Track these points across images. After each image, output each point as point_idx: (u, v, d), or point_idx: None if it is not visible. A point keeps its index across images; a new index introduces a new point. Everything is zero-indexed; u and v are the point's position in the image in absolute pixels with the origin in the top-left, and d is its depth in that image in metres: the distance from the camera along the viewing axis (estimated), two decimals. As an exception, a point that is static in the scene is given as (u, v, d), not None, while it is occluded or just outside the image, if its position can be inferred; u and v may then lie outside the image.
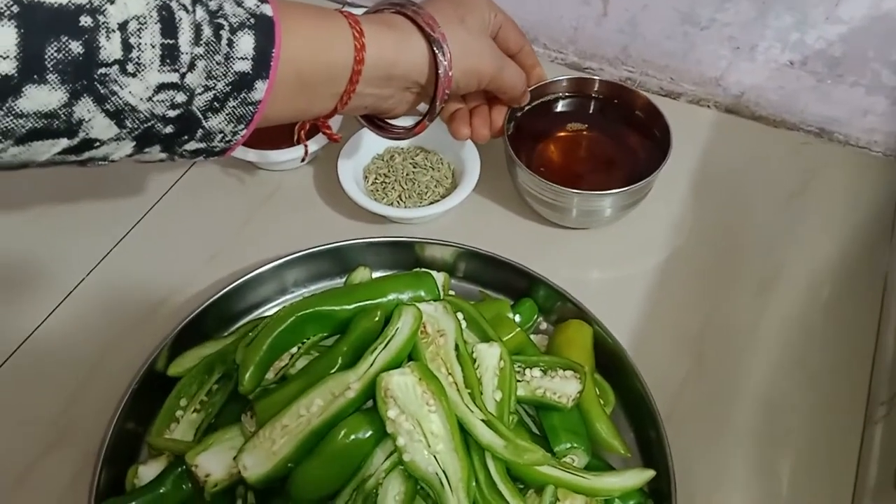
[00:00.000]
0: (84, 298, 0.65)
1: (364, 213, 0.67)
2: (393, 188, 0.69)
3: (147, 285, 0.65)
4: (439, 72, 0.52)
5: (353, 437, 0.46)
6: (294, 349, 0.53)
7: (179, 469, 0.49)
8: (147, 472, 0.51)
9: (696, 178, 0.73)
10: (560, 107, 0.70)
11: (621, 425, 0.56)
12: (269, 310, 0.62)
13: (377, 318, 0.51)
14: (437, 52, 0.52)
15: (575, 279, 0.65)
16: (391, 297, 0.53)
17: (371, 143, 0.71)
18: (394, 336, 0.49)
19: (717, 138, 0.76)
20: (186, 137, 0.43)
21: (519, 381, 0.52)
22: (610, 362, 0.57)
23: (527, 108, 0.69)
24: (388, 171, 0.70)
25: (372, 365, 0.48)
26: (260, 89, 0.43)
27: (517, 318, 0.59)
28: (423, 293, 0.55)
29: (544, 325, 0.61)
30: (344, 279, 0.62)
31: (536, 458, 0.46)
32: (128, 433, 0.54)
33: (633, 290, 0.65)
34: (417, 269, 0.60)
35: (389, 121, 0.60)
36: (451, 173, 0.71)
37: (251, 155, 0.70)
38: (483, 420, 0.47)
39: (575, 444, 0.51)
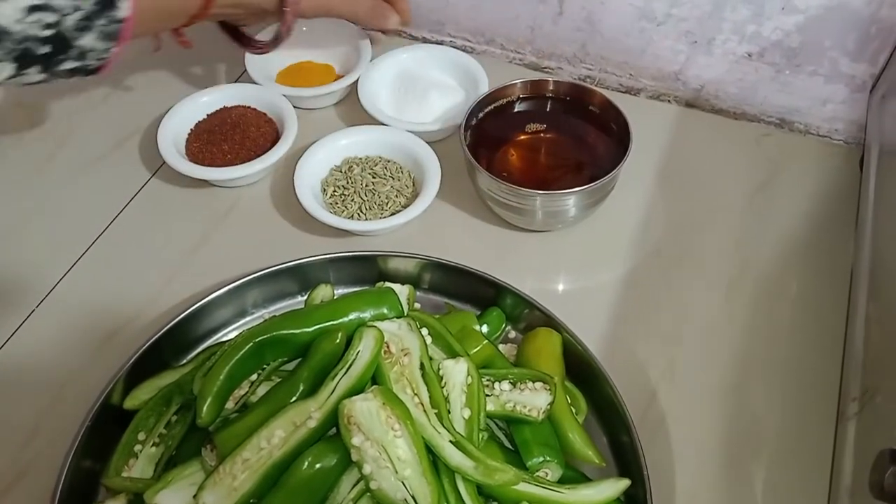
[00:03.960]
0: (36, 329, 0.62)
1: (324, 227, 0.65)
2: (353, 200, 0.67)
3: (102, 312, 0.63)
4: (286, 8, 0.62)
5: (316, 467, 0.44)
6: (254, 376, 0.51)
7: (139, 508, 0.48)
8: (106, 512, 0.49)
9: (660, 173, 0.72)
10: (517, 109, 0.69)
11: (594, 432, 0.55)
12: (229, 334, 0.60)
13: (338, 341, 0.50)
14: None
15: (542, 284, 0.65)
16: (352, 316, 0.52)
17: (328, 155, 0.69)
18: (355, 360, 0.47)
19: (679, 133, 0.76)
20: (62, 57, 0.49)
21: (488, 395, 0.51)
22: (580, 369, 0.56)
23: (483, 112, 0.68)
24: (347, 182, 0.68)
25: (333, 391, 0.46)
26: (123, 8, 0.50)
27: (484, 329, 0.58)
28: (385, 310, 0.53)
29: (513, 334, 0.60)
30: (305, 297, 0.60)
31: (508, 479, 0.45)
32: (84, 471, 0.51)
33: (601, 293, 0.64)
34: (380, 285, 0.58)
35: (250, 35, 0.71)
36: (412, 181, 0.69)
37: (205, 172, 0.68)
38: (452, 441, 0.46)
39: (548, 458, 0.50)
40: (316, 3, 0.65)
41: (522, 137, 0.68)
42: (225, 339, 0.59)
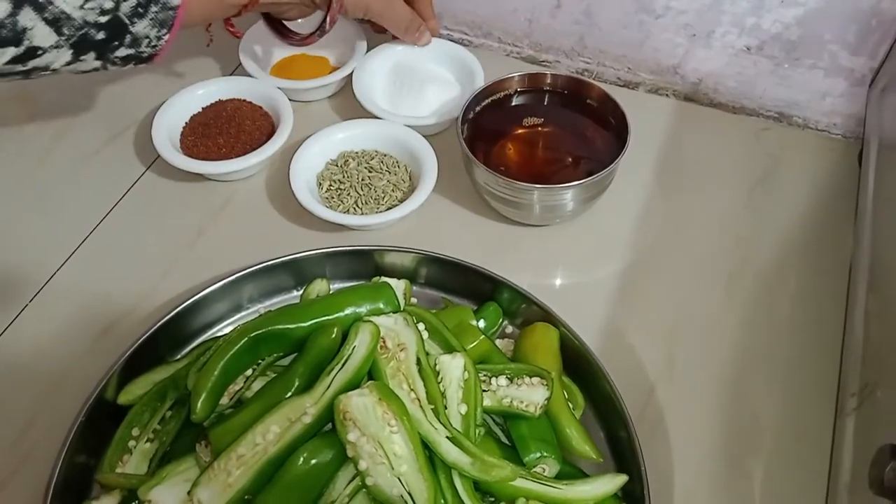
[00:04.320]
0: (31, 323, 0.62)
1: (320, 222, 0.65)
2: (349, 194, 0.67)
3: (96, 306, 0.62)
4: (332, 2, 0.64)
5: (312, 463, 0.44)
6: (249, 371, 0.51)
7: (133, 504, 0.47)
8: (100, 508, 0.48)
9: (658, 168, 0.72)
10: (514, 103, 0.69)
11: (592, 428, 0.55)
12: (224, 328, 0.59)
13: (334, 336, 0.49)
14: None
15: (539, 279, 0.64)
16: (348, 311, 0.52)
17: (324, 149, 0.69)
18: (351, 355, 0.47)
19: (678, 127, 0.75)
20: (117, 43, 0.50)
21: (485, 390, 0.51)
22: (578, 364, 0.55)
23: (480, 106, 0.67)
24: (343, 176, 0.68)
25: (329, 387, 0.46)
26: None
27: (481, 324, 0.58)
28: (381, 305, 0.53)
29: (510, 329, 0.60)
30: (301, 292, 0.60)
31: (505, 474, 0.45)
32: (78, 467, 0.51)
33: (598, 287, 0.64)
34: (376, 279, 0.58)
35: (290, 27, 0.72)
36: (409, 176, 0.69)
37: (200, 166, 0.67)
38: (448, 437, 0.46)
39: (545, 453, 0.50)
40: (357, 3, 0.67)
41: (520, 131, 0.68)
42: (220, 333, 0.58)
